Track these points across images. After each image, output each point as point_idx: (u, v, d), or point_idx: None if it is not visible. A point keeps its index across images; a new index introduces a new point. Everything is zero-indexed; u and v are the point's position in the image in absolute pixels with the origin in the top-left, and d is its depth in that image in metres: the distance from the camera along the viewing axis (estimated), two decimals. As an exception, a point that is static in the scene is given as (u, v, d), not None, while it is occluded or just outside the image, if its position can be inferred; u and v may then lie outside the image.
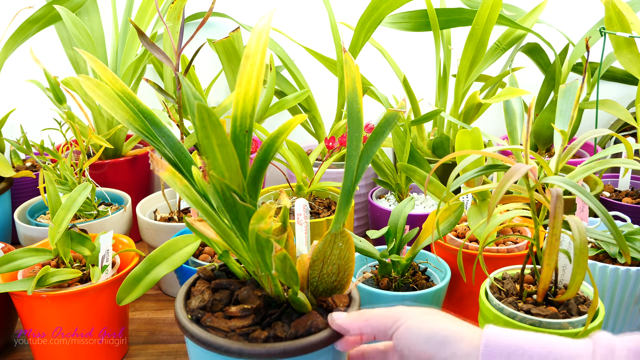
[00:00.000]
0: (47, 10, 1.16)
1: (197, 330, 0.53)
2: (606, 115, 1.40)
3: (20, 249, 0.77)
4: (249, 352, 0.50)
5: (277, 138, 0.52)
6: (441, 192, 0.91)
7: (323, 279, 0.57)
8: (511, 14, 1.28)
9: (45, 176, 0.83)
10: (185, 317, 0.55)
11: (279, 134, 0.53)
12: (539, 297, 0.63)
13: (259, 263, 0.53)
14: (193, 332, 0.53)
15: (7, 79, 1.36)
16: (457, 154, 0.63)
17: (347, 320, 0.53)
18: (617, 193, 1.09)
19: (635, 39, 1.05)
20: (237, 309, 0.54)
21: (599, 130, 0.71)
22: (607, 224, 0.56)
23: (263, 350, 0.50)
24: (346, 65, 0.55)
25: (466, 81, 1.15)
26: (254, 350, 0.50)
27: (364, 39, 1.13)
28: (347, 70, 0.55)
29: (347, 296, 0.59)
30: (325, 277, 0.57)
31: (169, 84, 1.22)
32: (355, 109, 0.55)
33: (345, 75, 0.55)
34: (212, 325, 0.53)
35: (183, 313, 0.56)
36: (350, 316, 0.53)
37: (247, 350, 0.50)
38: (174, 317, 0.93)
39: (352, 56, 0.55)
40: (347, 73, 0.55)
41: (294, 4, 1.37)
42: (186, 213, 1.03)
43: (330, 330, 0.54)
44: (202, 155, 0.45)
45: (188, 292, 0.60)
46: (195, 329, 0.53)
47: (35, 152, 1.17)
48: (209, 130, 0.44)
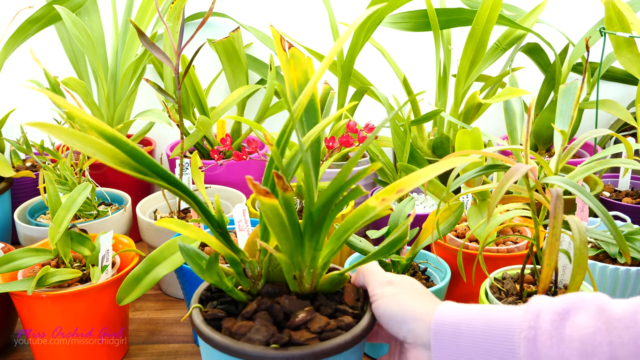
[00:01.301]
0: (47, 10, 1.16)
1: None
2: (606, 115, 1.40)
3: (20, 249, 0.77)
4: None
5: (336, 195, 0.52)
6: (441, 192, 0.91)
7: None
8: (511, 14, 1.28)
9: (45, 176, 0.83)
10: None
11: (338, 193, 0.52)
12: (539, 297, 0.63)
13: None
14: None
15: (7, 79, 1.36)
16: (457, 154, 0.63)
17: (353, 276, 0.60)
18: (617, 193, 1.09)
19: (635, 39, 1.05)
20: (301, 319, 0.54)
21: (599, 130, 0.71)
22: (607, 224, 0.56)
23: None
24: (294, 59, 0.57)
25: (466, 81, 1.15)
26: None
27: (364, 39, 1.13)
28: (296, 63, 0.58)
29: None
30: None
31: (169, 84, 1.22)
32: (310, 98, 0.58)
33: (293, 69, 0.58)
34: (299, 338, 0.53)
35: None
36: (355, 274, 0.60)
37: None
38: (173, 317, 0.93)
39: (300, 50, 0.58)
40: (296, 66, 0.58)
41: (294, 4, 1.37)
42: (186, 213, 1.03)
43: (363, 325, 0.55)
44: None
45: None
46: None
47: (35, 152, 1.17)
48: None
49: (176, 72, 0.90)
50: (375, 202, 0.51)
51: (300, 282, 0.56)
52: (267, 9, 1.37)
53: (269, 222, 0.50)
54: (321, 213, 0.52)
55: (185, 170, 1.01)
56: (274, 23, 1.35)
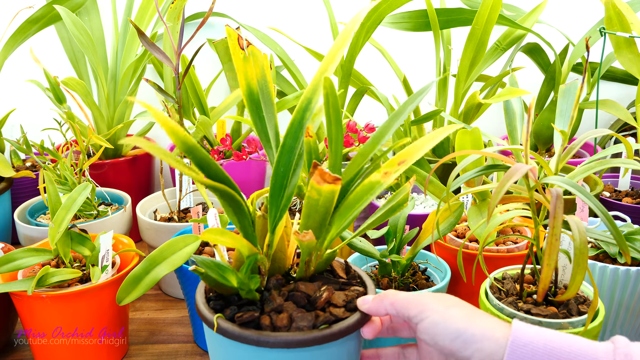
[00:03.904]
0: (47, 10, 1.16)
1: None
2: (606, 115, 1.40)
3: (20, 249, 0.77)
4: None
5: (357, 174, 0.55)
6: (441, 192, 0.91)
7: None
8: (511, 14, 1.28)
9: (45, 176, 0.83)
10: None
11: (359, 173, 0.55)
12: (539, 297, 0.63)
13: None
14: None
15: (7, 79, 1.36)
16: (457, 154, 0.63)
17: (373, 305, 0.55)
18: (617, 193, 1.09)
19: (635, 39, 1.05)
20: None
21: (599, 130, 0.71)
22: (607, 224, 0.56)
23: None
24: (252, 57, 0.58)
25: (466, 81, 1.15)
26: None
27: (364, 39, 1.12)
28: (255, 60, 0.59)
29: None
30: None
31: (169, 84, 1.22)
32: (266, 92, 0.60)
33: (251, 66, 0.59)
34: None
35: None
36: (376, 300, 0.55)
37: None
38: (173, 317, 0.93)
39: (258, 48, 0.60)
40: (255, 63, 0.59)
41: (294, 4, 1.37)
42: (186, 213, 1.03)
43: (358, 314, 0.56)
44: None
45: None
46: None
47: (35, 152, 1.17)
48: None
49: (176, 72, 0.90)
50: (378, 177, 0.53)
51: (308, 267, 0.58)
52: (267, 9, 1.37)
53: (315, 208, 0.52)
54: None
55: (185, 170, 1.01)
56: (274, 23, 1.35)
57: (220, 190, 0.50)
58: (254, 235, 0.57)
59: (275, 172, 0.57)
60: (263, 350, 0.52)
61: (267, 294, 0.57)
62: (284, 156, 0.55)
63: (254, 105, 0.60)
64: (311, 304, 0.56)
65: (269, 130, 0.60)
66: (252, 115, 0.59)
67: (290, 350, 0.52)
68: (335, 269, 0.63)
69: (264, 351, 0.52)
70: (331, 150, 0.57)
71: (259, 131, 0.59)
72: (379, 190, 0.54)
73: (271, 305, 0.56)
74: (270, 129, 0.60)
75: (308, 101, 0.56)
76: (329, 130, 0.56)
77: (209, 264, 0.55)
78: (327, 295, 0.56)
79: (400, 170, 0.51)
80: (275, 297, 0.57)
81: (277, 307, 0.55)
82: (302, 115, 0.55)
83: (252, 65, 0.59)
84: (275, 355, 0.52)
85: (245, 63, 0.58)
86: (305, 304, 0.56)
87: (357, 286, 0.61)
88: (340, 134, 0.56)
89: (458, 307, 0.52)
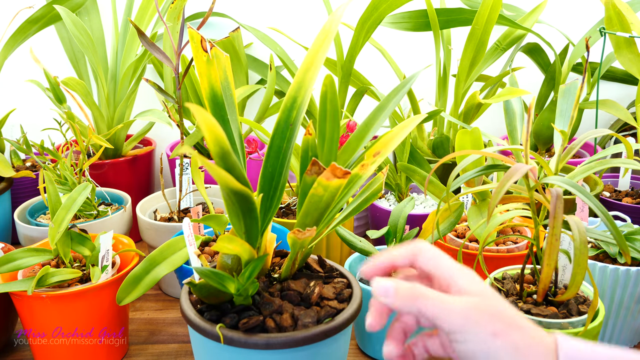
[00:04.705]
0: (47, 10, 1.16)
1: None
2: (606, 115, 1.40)
3: (20, 249, 0.77)
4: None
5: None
6: (441, 192, 0.91)
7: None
8: (511, 14, 1.28)
9: (45, 176, 0.83)
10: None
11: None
12: (539, 297, 0.63)
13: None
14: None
15: (7, 79, 1.36)
16: (457, 154, 0.64)
17: (399, 301, 0.44)
18: (617, 193, 1.09)
19: (635, 39, 1.05)
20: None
21: (599, 130, 0.71)
22: (607, 224, 0.56)
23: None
24: (216, 59, 0.59)
25: (466, 81, 1.15)
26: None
27: (364, 39, 1.12)
28: (217, 62, 0.59)
29: None
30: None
31: (169, 84, 1.22)
32: (229, 95, 0.60)
33: (214, 68, 0.59)
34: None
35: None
36: (404, 297, 0.44)
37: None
38: (173, 317, 0.93)
39: (221, 50, 0.60)
40: (218, 65, 0.60)
41: (294, 4, 1.37)
42: (186, 213, 1.03)
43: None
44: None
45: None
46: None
47: (35, 152, 1.16)
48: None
49: (176, 72, 0.90)
50: (356, 170, 0.55)
51: (293, 265, 0.59)
52: (267, 9, 1.37)
53: (317, 205, 0.52)
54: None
55: (185, 170, 1.01)
56: (274, 23, 1.35)
57: (240, 193, 0.49)
58: (257, 239, 0.57)
59: (263, 174, 0.56)
60: (272, 352, 0.52)
61: (258, 297, 0.57)
62: (271, 158, 0.55)
63: (218, 108, 0.59)
64: (304, 300, 0.57)
65: (233, 132, 0.59)
66: (216, 118, 0.58)
67: (298, 350, 0.52)
68: (310, 264, 0.64)
69: (272, 353, 0.52)
70: (324, 146, 0.57)
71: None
72: (360, 182, 0.56)
73: (270, 308, 0.56)
74: (234, 130, 0.60)
75: (293, 99, 0.55)
76: (322, 126, 0.56)
77: (207, 272, 0.54)
78: (318, 290, 0.57)
79: (377, 161, 0.52)
80: (272, 298, 0.57)
81: (277, 308, 0.55)
82: (287, 114, 0.55)
83: (215, 68, 0.58)
84: (283, 357, 0.53)
85: (208, 66, 0.57)
86: (300, 301, 0.57)
87: (339, 278, 0.62)
88: (336, 131, 0.56)
89: (504, 337, 0.43)
